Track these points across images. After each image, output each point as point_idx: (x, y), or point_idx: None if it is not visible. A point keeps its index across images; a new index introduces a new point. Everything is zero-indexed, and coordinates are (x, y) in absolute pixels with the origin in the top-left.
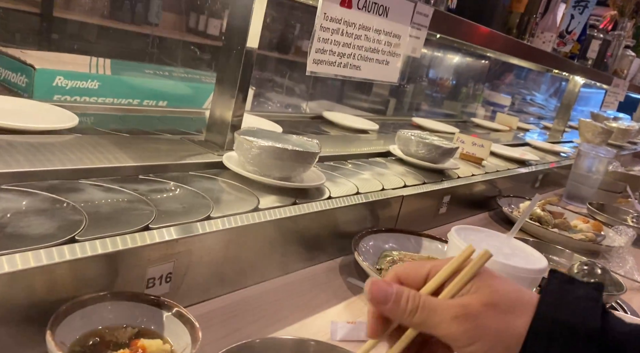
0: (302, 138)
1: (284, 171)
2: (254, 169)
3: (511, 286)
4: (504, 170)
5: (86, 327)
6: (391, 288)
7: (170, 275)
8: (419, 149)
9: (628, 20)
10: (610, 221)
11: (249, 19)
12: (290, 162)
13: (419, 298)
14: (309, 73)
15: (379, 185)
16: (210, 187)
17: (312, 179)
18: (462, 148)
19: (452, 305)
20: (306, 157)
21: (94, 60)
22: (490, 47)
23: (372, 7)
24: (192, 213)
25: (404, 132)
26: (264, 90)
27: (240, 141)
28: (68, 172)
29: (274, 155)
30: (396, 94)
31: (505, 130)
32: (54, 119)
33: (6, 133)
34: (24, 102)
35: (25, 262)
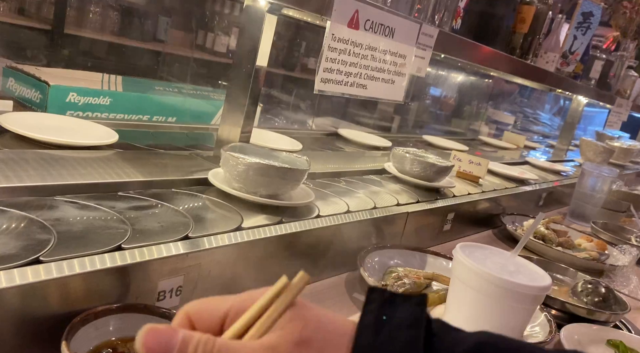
0: (291, 155)
1: (271, 189)
2: (240, 186)
3: (326, 317)
4: (502, 189)
5: (100, 338)
6: (175, 337)
7: (181, 289)
8: (413, 166)
9: (630, 41)
10: (614, 240)
11: (259, 38)
12: (278, 180)
13: (212, 344)
14: (317, 92)
15: (370, 203)
16: (193, 205)
17: (301, 197)
18: (459, 166)
19: (256, 348)
20: (294, 174)
21: (105, 77)
22: (494, 67)
23: (378, 28)
24: (170, 232)
25: (399, 149)
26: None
27: (226, 157)
28: (60, 188)
29: (260, 172)
30: (401, 111)
31: (512, 148)
32: (96, 135)
33: (53, 148)
34: (62, 119)
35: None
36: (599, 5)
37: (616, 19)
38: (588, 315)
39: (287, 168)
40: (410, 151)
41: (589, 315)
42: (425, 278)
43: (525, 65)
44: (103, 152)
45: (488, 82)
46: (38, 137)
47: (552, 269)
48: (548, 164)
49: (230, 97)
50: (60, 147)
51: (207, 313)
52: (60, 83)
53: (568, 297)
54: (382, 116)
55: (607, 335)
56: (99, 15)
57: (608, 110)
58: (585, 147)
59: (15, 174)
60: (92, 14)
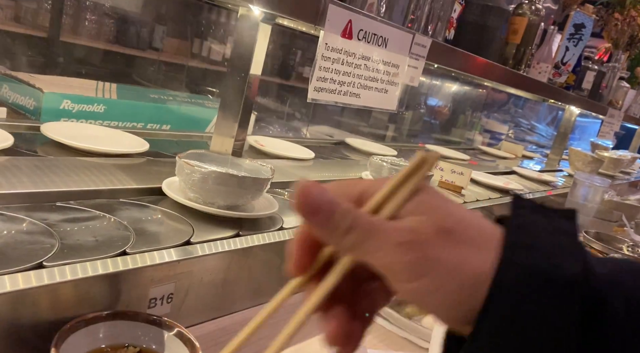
0: (255, 162)
1: (229, 199)
2: (196, 196)
3: (468, 212)
4: (485, 200)
5: (90, 345)
6: (325, 196)
7: (172, 296)
8: (390, 175)
9: (622, 53)
10: (606, 250)
11: (253, 47)
12: (236, 189)
13: (357, 214)
14: (310, 100)
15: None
16: (140, 217)
17: (264, 207)
18: (441, 176)
19: (397, 228)
20: (254, 183)
21: (100, 85)
22: (487, 77)
23: (372, 38)
24: (103, 248)
25: (375, 158)
26: (265, 115)
27: (180, 165)
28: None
29: (217, 181)
30: (395, 120)
31: (511, 157)
32: (127, 144)
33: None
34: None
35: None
36: (591, 17)
37: (608, 31)
38: None
39: (246, 177)
40: (387, 160)
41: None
42: None
43: (517, 75)
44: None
45: (481, 91)
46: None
47: None
48: (536, 174)
49: (224, 105)
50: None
51: (341, 194)
52: (54, 90)
53: None
54: (376, 125)
55: None
56: (95, 23)
57: (601, 121)
58: (574, 156)
59: None
60: (88, 22)
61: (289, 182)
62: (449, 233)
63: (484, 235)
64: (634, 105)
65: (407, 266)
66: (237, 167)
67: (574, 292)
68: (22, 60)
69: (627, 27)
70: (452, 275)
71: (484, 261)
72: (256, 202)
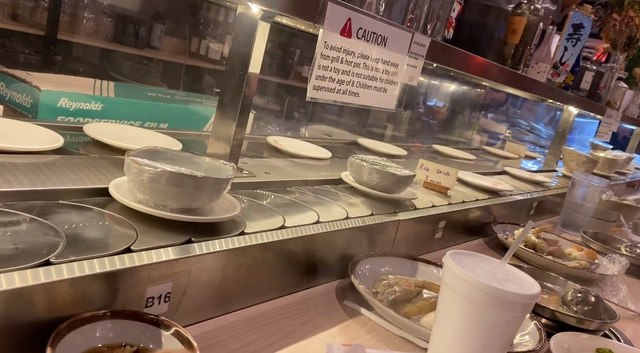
0: (217, 161)
1: (183, 201)
2: (146, 198)
3: None
4: (472, 201)
5: (86, 344)
6: None
7: (169, 295)
8: (371, 176)
9: (620, 53)
10: (604, 249)
11: (251, 45)
12: (191, 191)
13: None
14: (309, 99)
15: (314, 216)
16: (78, 221)
17: (224, 210)
18: (426, 176)
19: None
20: (212, 184)
21: (98, 83)
22: (486, 76)
23: (371, 37)
24: (24, 256)
25: (356, 157)
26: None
27: (128, 163)
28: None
29: (169, 181)
30: (393, 120)
31: (514, 157)
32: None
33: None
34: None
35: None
36: (589, 17)
37: (606, 31)
38: (578, 324)
39: (201, 177)
40: (368, 159)
41: (578, 324)
42: (416, 286)
43: (516, 75)
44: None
45: (480, 91)
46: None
47: (542, 278)
48: (528, 175)
49: (222, 103)
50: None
51: None
52: (51, 88)
53: (558, 305)
54: (375, 124)
55: (597, 344)
56: (93, 22)
57: (598, 121)
58: (568, 156)
59: None
60: (86, 20)
61: (307, 181)
62: None
63: None
64: (631, 106)
65: None
66: (195, 166)
67: None
68: (19, 58)
69: (625, 28)
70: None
71: None
72: (216, 204)
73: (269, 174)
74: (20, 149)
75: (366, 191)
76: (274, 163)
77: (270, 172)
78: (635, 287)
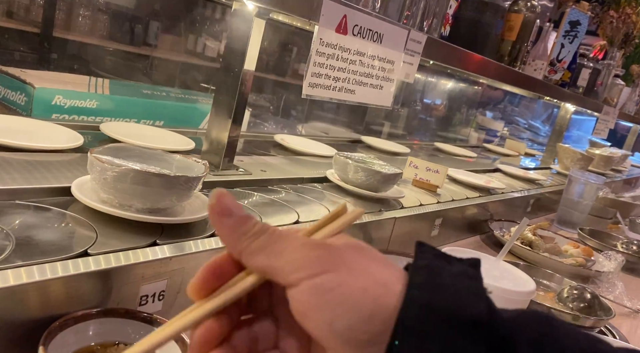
0: (189, 159)
1: (149, 201)
2: (110, 197)
3: (382, 254)
4: (462, 199)
5: (79, 343)
6: (238, 204)
7: (163, 293)
8: (357, 174)
9: (617, 50)
10: (600, 246)
11: (247, 42)
12: (159, 190)
13: (269, 225)
14: (304, 96)
15: (294, 216)
16: (32, 222)
17: (196, 210)
18: (415, 174)
19: (304, 236)
20: (180, 183)
21: (92, 80)
22: (483, 74)
23: (367, 34)
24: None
25: (341, 155)
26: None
27: (91, 161)
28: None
29: (134, 180)
30: (390, 117)
31: (514, 155)
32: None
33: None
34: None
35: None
36: (586, 14)
37: (603, 28)
38: (573, 320)
39: (168, 175)
40: (353, 157)
41: (574, 321)
42: None
43: (513, 72)
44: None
45: (477, 89)
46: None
47: (538, 275)
48: (521, 172)
49: (218, 101)
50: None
51: None
52: (46, 85)
53: (554, 302)
54: (372, 122)
55: None
56: (89, 19)
57: (596, 118)
58: (563, 153)
59: None
60: (82, 18)
61: (303, 178)
62: (359, 249)
63: (396, 266)
64: (628, 103)
65: (312, 260)
66: (165, 164)
67: (479, 331)
68: (14, 56)
69: (622, 25)
70: (357, 275)
71: (389, 275)
72: (187, 204)
73: (265, 172)
74: (42, 147)
75: (351, 189)
76: (271, 161)
77: (267, 170)
78: (631, 284)
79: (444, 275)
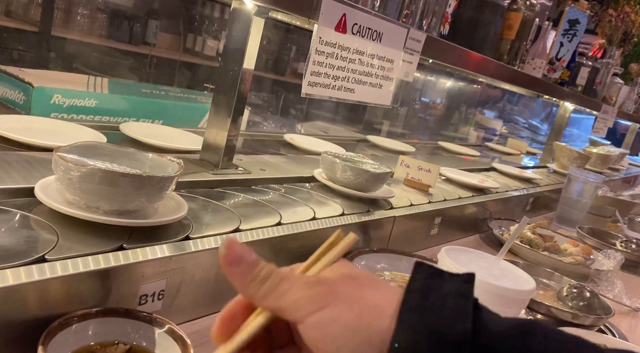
0: (164, 158)
1: (116, 202)
2: (76, 198)
3: (376, 277)
4: (454, 199)
5: (78, 342)
6: (250, 253)
7: (163, 292)
8: (345, 174)
9: (616, 49)
10: (599, 245)
11: (246, 41)
12: (126, 190)
13: (274, 268)
14: (304, 95)
15: (276, 218)
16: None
17: (170, 211)
18: (407, 173)
19: (306, 276)
20: (151, 182)
21: (91, 79)
22: (482, 72)
23: (366, 32)
24: None
25: (328, 154)
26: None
27: (55, 160)
28: None
29: (100, 180)
30: (390, 116)
31: (516, 154)
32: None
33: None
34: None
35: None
36: (585, 13)
37: (602, 27)
38: (573, 319)
39: (137, 175)
40: (341, 156)
41: (573, 319)
42: None
43: (512, 71)
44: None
45: (476, 87)
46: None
47: (538, 273)
48: (517, 171)
49: (217, 100)
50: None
51: None
52: (44, 84)
53: (553, 301)
54: (371, 121)
55: (592, 339)
56: (87, 18)
57: (594, 117)
58: (560, 152)
59: None
60: (80, 17)
61: (302, 177)
62: (352, 278)
63: (387, 287)
64: (627, 102)
65: (311, 298)
66: (137, 163)
67: (464, 348)
68: (13, 55)
69: (620, 24)
70: (351, 305)
71: (383, 299)
72: (160, 205)
73: (264, 171)
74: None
75: (339, 189)
76: (271, 160)
77: (266, 169)
78: (630, 283)
79: (433, 296)
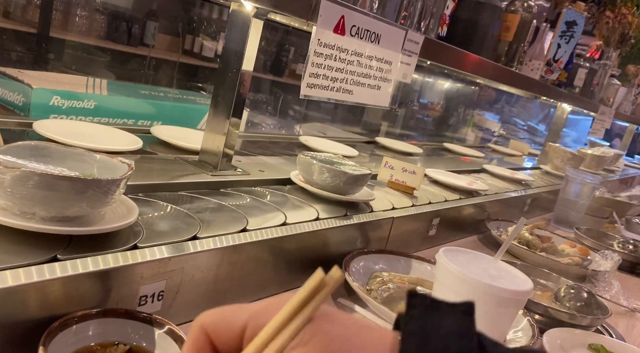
0: (114, 159)
1: (54, 208)
2: (8, 203)
3: (355, 328)
4: (441, 202)
5: (78, 343)
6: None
7: (162, 293)
8: (322, 176)
9: (613, 50)
10: (596, 246)
11: (245, 43)
12: (65, 195)
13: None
14: (302, 96)
15: (243, 223)
16: None
17: (119, 218)
18: (391, 175)
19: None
20: (93, 186)
21: (90, 81)
22: (480, 74)
23: (364, 34)
24: None
25: (306, 155)
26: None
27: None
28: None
29: (35, 184)
30: (388, 117)
31: (518, 155)
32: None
33: None
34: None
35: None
36: (583, 14)
37: (599, 28)
38: (570, 319)
39: (76, 178)
40: (318, 156)
41: (571, 320)
42: (409, 283)
43: (510, 72)
44: None
45: (474, 89)
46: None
47: (535, 274)
48: (508, 173)
49: (215, 101)
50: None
51: (224, 327)
52: (43, 86)
53: (551, 301)
54: (369, 122)
55: (589, 340)
56: (86, 19)
57: (592, 118)
58: (553, 153)
59: None
60: (79, 18)
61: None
62: (335, 346)
63: (373, 348)
64: (624, 103)
65: None
66: (85, 164)
67: None
68: (11, 56)
69: (618, 25)
70: None
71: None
72: (109, 210)
73: (263, 172)
74: (104, 149)
75: (316, 192)
76: (270, 161)
77: (265, 170)
78: (627, 283)
79: (434, 340)
